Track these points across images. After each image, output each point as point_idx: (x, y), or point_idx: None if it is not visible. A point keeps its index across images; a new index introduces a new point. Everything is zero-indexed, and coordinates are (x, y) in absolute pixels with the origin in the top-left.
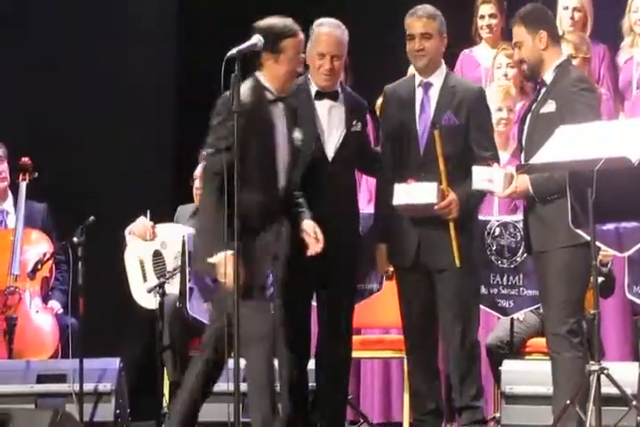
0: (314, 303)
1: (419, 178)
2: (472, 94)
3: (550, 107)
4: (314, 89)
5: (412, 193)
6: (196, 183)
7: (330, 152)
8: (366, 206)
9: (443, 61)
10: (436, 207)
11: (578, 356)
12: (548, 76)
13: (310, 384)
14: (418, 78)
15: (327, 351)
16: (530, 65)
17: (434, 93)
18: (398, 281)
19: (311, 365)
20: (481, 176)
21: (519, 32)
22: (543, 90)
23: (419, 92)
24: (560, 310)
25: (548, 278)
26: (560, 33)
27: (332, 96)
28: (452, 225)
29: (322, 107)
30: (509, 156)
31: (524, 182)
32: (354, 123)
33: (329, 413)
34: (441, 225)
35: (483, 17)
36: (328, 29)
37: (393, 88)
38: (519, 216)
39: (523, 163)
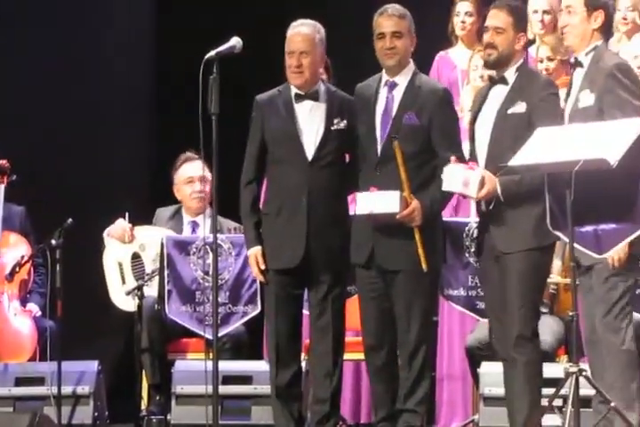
0: (305, 312)
1: (375, 177)
2: (436, 95)
3: (520, 108)
4: (293, 92)
5: (375, 202)
6: (198, 186)
7: (309, 152)
8: None
9: (411, 61)
10: (398, 216)
11: (540, 358)
12: (509, 76)
13: None
14: (385, 77)
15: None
16: (501, 55)
17: (398, 93)
18: (356, 280)
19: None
20: (453, 177)
21: (506, 20)
22: (504, 89)
23: (383, 92)
24: (526, 312)
25: (513, 280)
26: (531, 37)
27: (312, 97)
28: (416, 231)
29: (302, 108)
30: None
31: (493, 184)
32: (335, 121)
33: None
34: (398, 226)
35: (458, 14)
36: (296, 29)
37: (361, 87)
38: None
39: (500, 164)
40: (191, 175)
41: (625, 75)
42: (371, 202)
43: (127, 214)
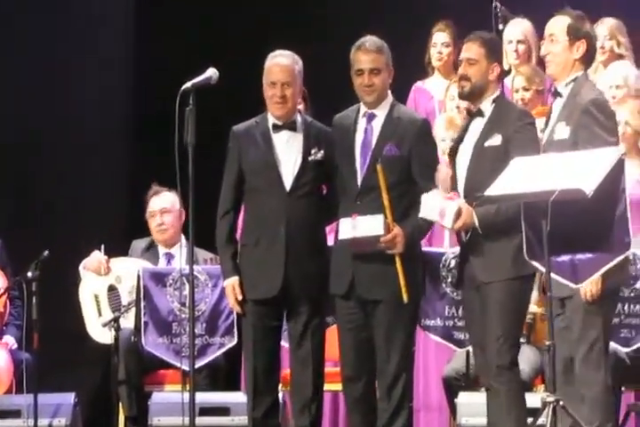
0: (285, 344)
1: (355, 207)
2: (415, 126)
3: (496, 140)
4: (271, 122)
5: (358, 226)
6: (158, 219)
7: (287, 182)
8: None
9: (389, 92)
10: (381, 239)
11: (521, 386)
12: (485, 108)
13: None
14: (363, 108)
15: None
16: (474, 86)
17: (377, 124)
18: (336, 310)
19: None
20: (430, 206)
21: (478, 52)
22: (481, 122)
23: (362, 123)
24: (504, 342)
25: (492, 310)
26: (506, 67)
27: (290, 127)
28: (397, 259)
29: (280, 138)
30: None
31: (470, 216)
32: (313, 151)
33: None
34: (378, 255)
35: (435, 45)
36: (277, 60)
37: (340, 117)
38: None
39: (477, 194)
40: (153, 209)
41: (600, 110)
42: (354, 227)
43: (102, 246)
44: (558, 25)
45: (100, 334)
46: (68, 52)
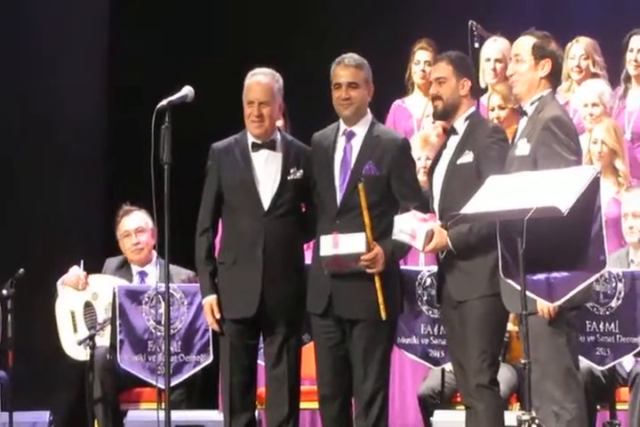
0: (261, 362)
1: (334, 225)
2: (394, 145)
3: (468, 157)
4: (250, 140)
5: (340, 244)
6: (134, 239)
7: (265, 202)
8: None
9: (369, 110)
10: (362, 257)
11: (500, 405)
12: (459, 125)
13: None
14: (342, 127)
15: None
16: (446, 104)
17: (356, 143)
18: (312, 329)
19: None
20: (402, 228)
21: (446, 70)
22: (456, 139)
23: (341, 141)
24: (482, 360)
25: (470, 327)
26: (483, 85)
27: (269, 146)
28: (377, 278)
29: (259, 157)
30: None
31: (442, 238)
32: (292, 171)
33: None
34: (356, 274)
35: (418, 62)
36: (256, 78)
37: (319, 136)
38: None
39: (452, 213)
40: (127, 229)
41: (560, 128)
42: (335, 244)
43: (82, 262)
44: (523, 45)
45: (75, 350)
46: (45, 71)
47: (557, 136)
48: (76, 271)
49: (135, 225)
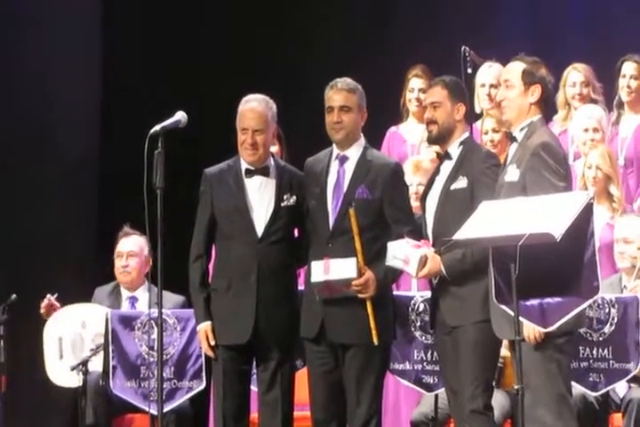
0: (254, 388)
1: (326, 250)
2: (387, 169)
3: (462, 183)
4: (244, 166)
5: (331, 270)
6: (124, 261)
7: (259, 228)
8: None
9: (362, 135)
10: (354, 282)
11: None
12: (453, 151)
13: None
14: (335, 151)
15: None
16: (441, 128)
17: (349, 167)
18: (306, 354)
19: None
20: (396, 254)
21: (441, 94)
22: (449, 165)
23: (334, 166)
24: (476, 386)
25: (462, 354)
26: (478, 111)
27: (263, 172)
28: (368, 303)
29: (252, 183)
30: None
31: (436, 264)
32: (285, 197)
33: None
34: (349, 299)
35: (412, 90)
36: (249, 105)
37: (312, 161)
38: None
39: (445, 239)
40: (120, 250)
41: (549, 153)
42: (326, 269)
43: (56, 294)
44: (513, 71)
45: (58, 376)
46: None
47: (546, 162)
48: (47, 299)
49: (128, 248)
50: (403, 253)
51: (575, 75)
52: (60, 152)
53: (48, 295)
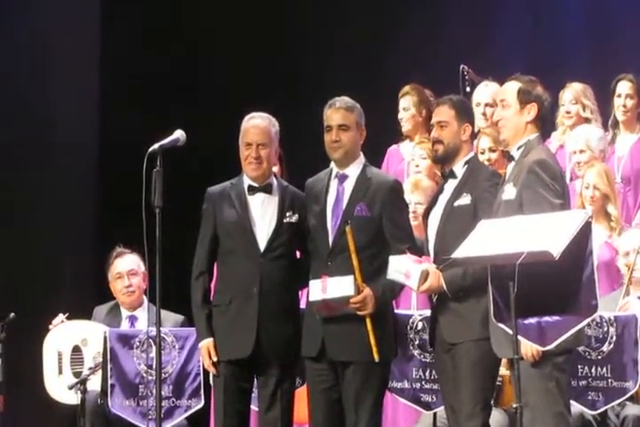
0: (254, 408)
1: (326, 267)
2: (386, 187)
3: (465, 200)
4: (247, 183)
5: (329, 288)
6: (126, 281)
7: (262, 244)
8: None
9: (361, 154)
10: (351, 300)
11: None
12: (458, 169)
13: None
14: (335, 169)
15: None
16: (448, 148)
17: (349, 185)
18: (306, 372)
19: None
20: (397, 268)
21: (448, 114)
22: (454, 183)
23: (334, 184)
24: (475, 404)
25: (461, 371)
26: (475, 130)
27: (266, 189)
28: (368, 320)
29: (255, 200)
30: None
31: (437, 279)
32: (287, 214)
33: None
34: (348, 317)
35: (399, 110)
36: (253, 121)
37: (312, 181)
38: None
39: (444, 257)
40: (119, 271)
41: (545, 171)
42: (324, 288)
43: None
44: (509, 90)
45: (57, 391)
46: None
47: (542, 180)
48: (59, 318)
49: (128, 267)
50: (404, 267)
51: (566, 93)
52: (59, 168)
53: (60, 314)
